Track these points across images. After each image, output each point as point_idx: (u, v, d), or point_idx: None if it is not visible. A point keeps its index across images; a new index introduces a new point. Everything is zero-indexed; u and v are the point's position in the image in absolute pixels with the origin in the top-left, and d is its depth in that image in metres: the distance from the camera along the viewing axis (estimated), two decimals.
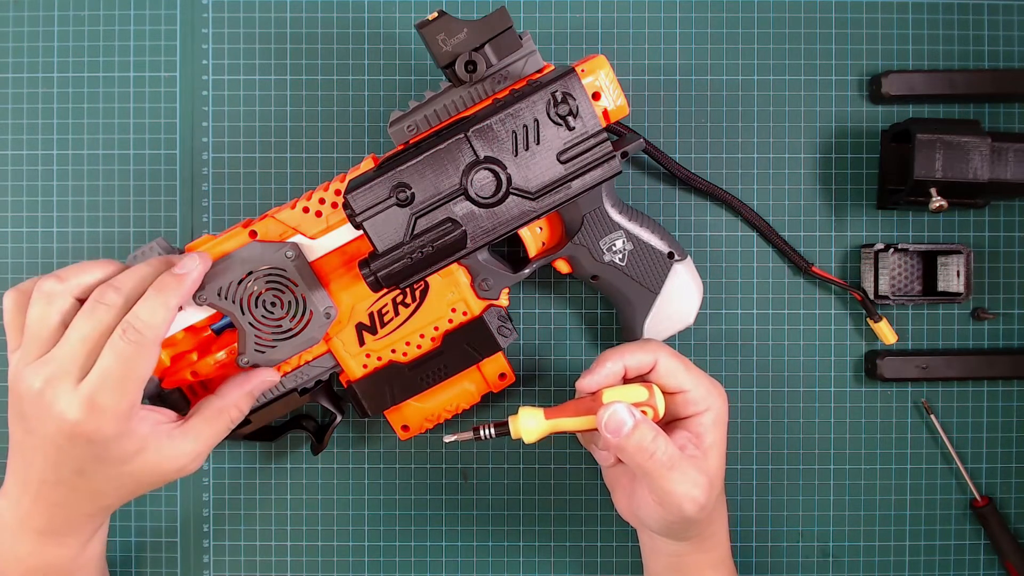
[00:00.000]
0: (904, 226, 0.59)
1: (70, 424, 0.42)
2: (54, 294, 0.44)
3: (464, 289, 0.53)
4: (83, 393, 0.42)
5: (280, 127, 0.59)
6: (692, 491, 0.46)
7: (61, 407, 0.42)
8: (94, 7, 0.59)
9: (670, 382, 0.49)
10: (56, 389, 0.42)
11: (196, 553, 0.60)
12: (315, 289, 0.51)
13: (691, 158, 0.59)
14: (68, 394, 0.42)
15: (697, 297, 0.55)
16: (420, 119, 0.50)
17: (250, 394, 0.50)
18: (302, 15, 0.59)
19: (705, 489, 0.46)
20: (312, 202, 0.51)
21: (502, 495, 0.60)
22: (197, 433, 0.47)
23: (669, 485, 0.46)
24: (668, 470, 0.46)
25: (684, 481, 0.46)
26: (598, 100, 0.49)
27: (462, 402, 0.56)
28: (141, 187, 0.60)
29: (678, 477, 0.46)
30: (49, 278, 0.45)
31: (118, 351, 0.43)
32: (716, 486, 0.48)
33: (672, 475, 0.46)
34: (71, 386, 0.42)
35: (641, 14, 0.59)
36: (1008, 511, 0.59)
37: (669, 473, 0.46)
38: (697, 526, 0.49)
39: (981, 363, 0.58)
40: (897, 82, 0.58)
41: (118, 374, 0.43)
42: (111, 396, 0.43)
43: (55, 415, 0.42)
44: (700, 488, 0.46)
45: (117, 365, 0.43)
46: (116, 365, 0.43)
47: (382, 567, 0.60)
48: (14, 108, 0.59)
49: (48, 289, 0.44)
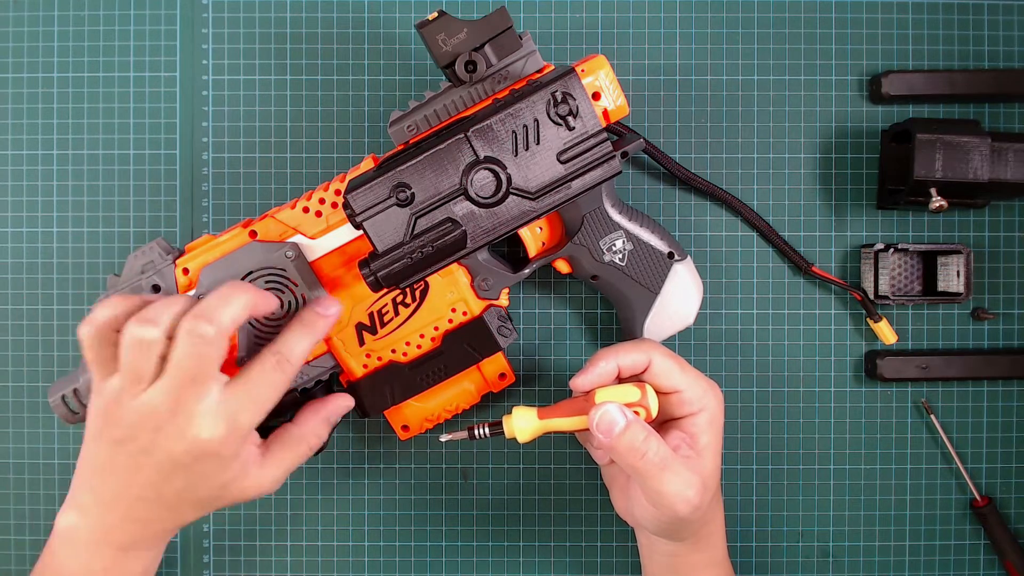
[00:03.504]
0: (904, 226, 0.59)
1: (202, 442, 0.43)
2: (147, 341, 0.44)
3: (464, 289, 0.53)
4: (226, 410, 0.44)
5: (280, 127, 0.59)
6: (685, 491, 0.46)
7: (197, 427, 0.43)
8: (94, 7, 0.59)
9: (664, 382, 0.48)
10: (191, 410, 0.43)
11: (196, 553, 0.60)
12: (315, 289, 0.51)
13: (691, 158, 0.59)
14: (208, 413, 0.43)
15: (697, 297, 0.55)
16: (420, 119, 0.50)
17: (327, 421, 0.51)
18: (302, 15, 0.59)
19: (698, 490, 0.46)
20: (312, 202, 0.51)
21: (502, 495, 0.60)
22: (280, 460, 0.48)
23: (661, 485, 0.46)
24: (660, 470, 0.46)
25: (676, 482, 0.46)
26: (598, 100, 0.49)
27: (462, 402, 0.56)
28: (141, 187, 0.60)
29: (670, 477, 0.46)
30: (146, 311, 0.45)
31: (267, 375, 0.45)
32: (710, 487, 0.48)
33: (664, 475, 0.46)
34: (210, 406, 0.43)
35: (641, 14, 0.59)
36: (1008, 511, 0.59)
37: (661, 473, 0.46)
38: (692, 526, 0.49)
39: (981, 363, 0.58)
40: (897, 82, 0.58)
41: (262, 397, 0.45)
42: (249, 415, 0.45)
43: (188, 435, 0.43)
44: (693, 488, 0.46)
45: (263, 388, 0.45)
46: (262, 388, 0.45)
47: (382, 567, 0.60)
48: (14, 108, 0.59)
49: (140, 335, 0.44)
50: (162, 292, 0.51)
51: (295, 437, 0.49)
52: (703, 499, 0.47)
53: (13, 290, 0.60)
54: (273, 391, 0.46)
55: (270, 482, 0.48)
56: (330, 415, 0.51)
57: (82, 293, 0.59)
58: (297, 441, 0.49)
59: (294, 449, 0.49)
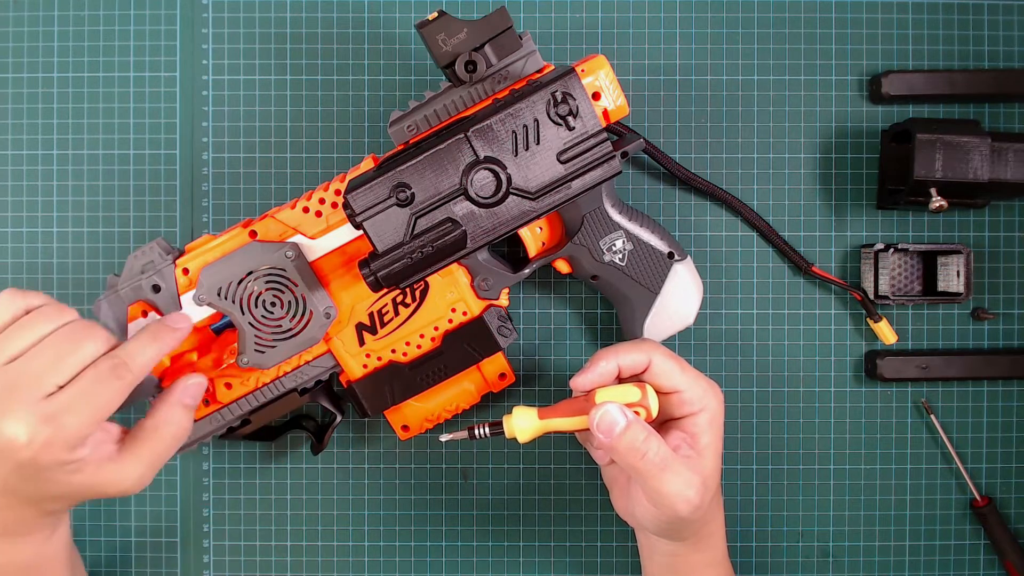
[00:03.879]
0: (904, 226, 0.59)
1: (10, 440, 0.41)
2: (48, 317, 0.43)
3: (464, 289, 0.53)
4: (48, 412, 0.41)
5: (280, 127, 0.59)
6: (685, 491, 0.46)
7: (11, 425, 0.41)
8: (94, 7, 0.59)
9: (664, 382, 0.48)
10: (12, 404, 0.41)
11: (196, 553, 0.60)
12: (315, 289, 0.51)
13: (691, 158, 0.59)
14: (27, 407, 0.41)
15: (697, 297, 0.55)
16: (420, 119, 0.50)
17: (180, 404, 0.48)
18: (302, 15, 0.59)
19: (699, 490, 0.46)
20: (312, 202, 0.51)
21: (502, 495, 0.60)
22: (136, 456, 0.45)
23: (662, 486, 0.46)
24: (660, 471, 0.46)
25: (677, 482, 0.46)
26: (598, 100, 0.49)
27: (462, 402, 0.56)
28: (141, 187, 0.60)
29: (671, 478, 0.46)
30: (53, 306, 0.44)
31: (103, 382, 0.42)
32: (711, 487, 0.48)
33: (665, 476, 0.46)
34: (32, 400, 0.41)
35: (641, 14, 0.59)
36: (1008, 511, 0.59)
37: (661, 474, 0.46)
38: (692, 526, 0.49)
39: (981, 363, 0.58)
40: (897, 82, 0.58)
41: (94, 402, 0.42)
42: (79, 420, 0.41)
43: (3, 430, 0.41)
44: (693, 489, 0.46)
45: (96, 394, 0.42)
46: (95, 394, 0.42)
47: (382, 567, 0.60)
48: (14, 108, 0.59)
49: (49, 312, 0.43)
50: (162, 292, 0.51)
51: (148, 429, 0.46)
52: (703, 499, 0.47)
53: None
54: (109, 397, 0.42)
55: (132, 479, 0.45)
56: (181, 397, 0.48)
57: (82, 293, 0.59)
58: (151, 432, 0.46)
59: (150, 442, 0.46)
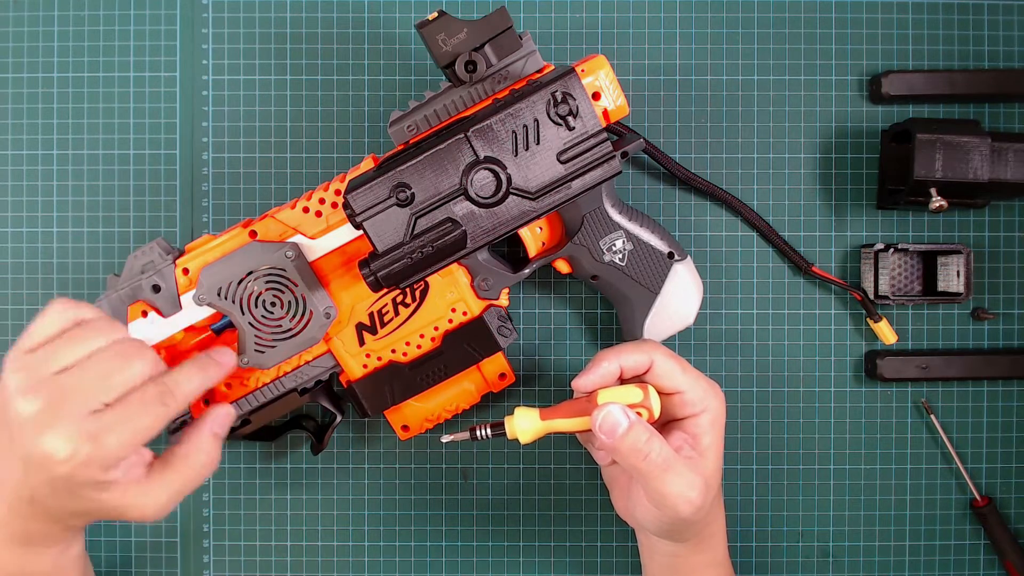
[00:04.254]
0: (904, 226, 0.59)
1: (48, 455, 0.41)
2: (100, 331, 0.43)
3: (464, 289, 0.53)
4: (89, 430, 0.41)
5: (280, 127, 0.59)
6: (687, 492, 0.46)
7: (50, 438, 0.41)
8: (94, 7, 0.59)
9: (666, 383, 0.48)
10: (55, 420, 0.41)
11: (196, 553, 0.60)
12: (315, 289, 0.51)
13: (691, 158, 0.59)
14: (73, 423, 0.41)
15: (697, 297, 0.55)
16: (420, 119, 0.50)
17: (211, 435, 0.48)
18: (302, 15, 0.59)
19: (701, 490, 0.46)
20: (312, 202, 0.51)
21: (502, 495, 0.60)
22: (165, 482, 0.45)
23: (664, 486, 0.46)
24: (663, 471, 0.46)
25: (679, 483, 0.46)
26: (598, 100, 0.49)
27: (462, 402, 0.56)
28: (141, 187, 0.60)
29: (673, 478, 0.46)
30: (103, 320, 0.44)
31: (148, 406, 0.43)
32: (712, 487, 0.48)
33: (667, 476, 0.46)
34: (78, 415, 0.41)
35: (641, 14, 0.59)
36: (1008, 511, 0.59)
37: (664, 475, 0.46)
38: (693, 527, 0.49)
39: (981, 363, 0.58)
40: (897, 82, 0.58)
41: (136, 425, 0.42)
42: (118, 440, 0.41)
43: (40, 443, 0.41)
44: (696, 489, 0.46)
45: (139, 417, 0.42)
46: (138, 417, 0.42)
47: (382, 567, 0.60)
48: (14, 108, 0.59)
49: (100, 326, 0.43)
50: (162, 292, 0.51)
51: (178, 456, 0.46)
52: (705, 500, 0.47)
53: (13, 290, 0.60)
54: (150, 422, 0.43)
55: (156, 506, 0.45)
56: (212, 427, 0.48)
57: (82, 293, 0.59)
58: (181, 461, 0.46)
59: (179, 470, 0.46)
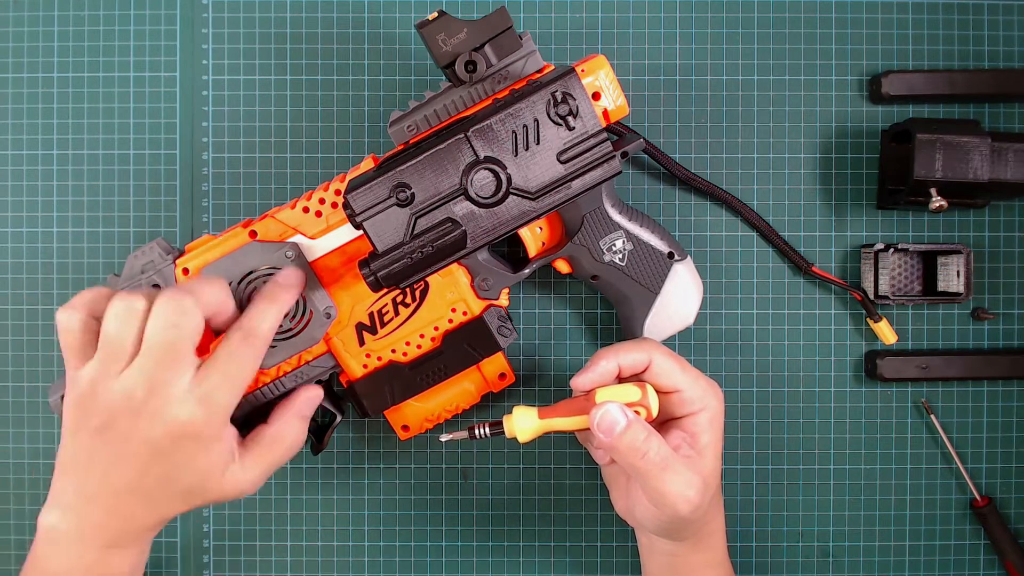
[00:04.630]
0: (904, 226, 0.59)
1: (181, 423, 0.43)
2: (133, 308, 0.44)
3: (464, 289, 0.53)
4: (201, 391, 0.44)
5: (280, 127, 0.59)
6: (686, 491, 0.46)
7: (174, 408, 0.43)
8: (94, 7, 0.59)
9: (665, 381, 0.48)
10: (168, 391, 0.43)
11: (196, 553, 0.60)
12: (315, 289, 0.51)
13: (691, 158, 0.59)
14: (184, 394, 0.43)
15: (697, 297, 0.55)
16: (420, 119, 0.50)
17: (299, 416, 0.50)
18: (302, 15, 0.59)
19: (699, 489, 0.46)
20: (312, 202, 0.51)
21: (502, 495, 0.60)
22: (259, 459, 0.48)
23: (662, 485, 0.46)
24: (661, 470, 0.46)
25: (678, 481, 0.46)
26: (598, 100, 0.49)
27: (462, 402, 0.56)
28: (141, 187, 0.60)
29: (671, 477, 0.46)
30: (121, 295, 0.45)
31: (235, 352, 0.45)
32: (711, 486, 0.48)
33: (665, 475, 0.46)
34: (185, 386, 0.43)
35: (641, 14, 0.59)
36: (1008, 511, 0.59)
37: (662, 473, 0.46)
38: (692, 526, 0.49)
39: (981, 363, 0.58)
40: (897, 82, 0.58)
41: (234, 375, 0.45)
42: (225, 394, 0.44)
43: (167, 416, 0.43)
44: (694, 488, 0.46)
45: (234, 366, 0.45)
46: (233, 366, 0.45)
47: (382, 567, 0.60)
48: (14, 108, 0.59)
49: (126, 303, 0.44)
50: None
51: (269, 437, 0.49)
52: (704, 498, 0.47)
53: (13, 290, 0.60)
54: (245, 368, 0.45)
55: (250, 481, 0.47)
56: (300, 410, 0.51)
57: None
58: (272, 440, 0.49)
59: (271, 448, 0.48)
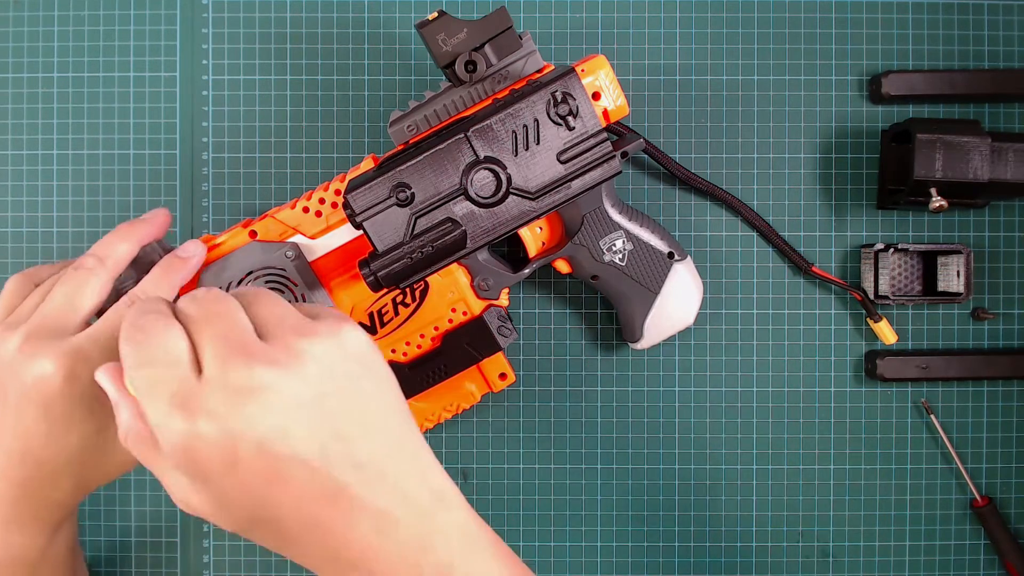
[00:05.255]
0: (904, 226, 0.59)
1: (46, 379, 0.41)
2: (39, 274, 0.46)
3: (464, 289, 0.53)
4: (74, 348, 0.42)
5: (280, 127, 0.59)
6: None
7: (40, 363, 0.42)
8: (94, 7, 0.59)
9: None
10: (44, 347, 0.42)
11: (196, 553, 0.60)
12: (315, 289, 0.51)
13: (691, 158, 0.59)
14: (56, 350, 0.42)
15: (697, 297, 0.55)
16: (420, 119, 0.50)
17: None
18: (302, 15, 0.59)
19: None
20: (312, 202, 0.51)
21: (502, 495, 0.60)
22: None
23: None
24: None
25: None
26: (598, 100, 0.49)
27: (462, 402, 0.56)
28: (141, 187, 0.60)
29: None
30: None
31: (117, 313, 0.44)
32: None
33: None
34: (61, 344, 0.42)
35: (641, 14, 0.59)
36: (1008, 511, 0.59)
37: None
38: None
39: (981, 363, 0.58)
40: (897, 82, 0.58)
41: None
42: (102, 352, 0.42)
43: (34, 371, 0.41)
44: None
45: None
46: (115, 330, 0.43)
47: None
48: (14, 108, 0.59)
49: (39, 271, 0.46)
50: None
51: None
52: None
53: None
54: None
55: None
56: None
57: None
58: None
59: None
